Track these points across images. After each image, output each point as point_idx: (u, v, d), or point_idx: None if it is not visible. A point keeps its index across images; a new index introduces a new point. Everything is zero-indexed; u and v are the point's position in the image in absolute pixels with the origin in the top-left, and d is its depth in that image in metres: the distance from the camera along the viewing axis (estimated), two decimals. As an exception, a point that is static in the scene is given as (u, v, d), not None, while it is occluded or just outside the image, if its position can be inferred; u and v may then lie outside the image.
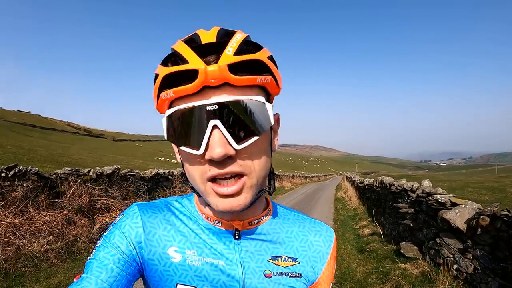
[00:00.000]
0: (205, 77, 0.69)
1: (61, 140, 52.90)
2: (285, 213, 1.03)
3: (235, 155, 0.73)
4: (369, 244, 8.97)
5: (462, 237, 5.51)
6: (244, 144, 0.73)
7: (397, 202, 9.19)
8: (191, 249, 0.88)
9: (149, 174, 12.45)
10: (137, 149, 73.69)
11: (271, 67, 0.78)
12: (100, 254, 0.83)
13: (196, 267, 0.86)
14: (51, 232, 6.99)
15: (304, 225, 1.01)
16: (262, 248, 0.92)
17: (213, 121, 0.70)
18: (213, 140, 0.71)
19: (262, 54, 0.77)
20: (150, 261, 0.87)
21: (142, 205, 0.95)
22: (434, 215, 6.25)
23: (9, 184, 7.12)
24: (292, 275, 0.92)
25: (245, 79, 0.72)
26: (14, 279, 5.44)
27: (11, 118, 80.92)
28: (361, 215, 14.27)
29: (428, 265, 6.12)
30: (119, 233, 0.87)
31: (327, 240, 1.00)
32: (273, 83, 0.79)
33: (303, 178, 52.05)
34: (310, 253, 0.97)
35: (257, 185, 0.79)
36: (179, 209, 0.95)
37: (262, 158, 0.80)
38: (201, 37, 0.76)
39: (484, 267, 4.90)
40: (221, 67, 0.69)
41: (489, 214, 4.87)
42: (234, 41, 0.74)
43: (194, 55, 0.72)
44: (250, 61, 0.73)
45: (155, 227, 0.89)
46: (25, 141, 31.33)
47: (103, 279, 0.78)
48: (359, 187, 19.86)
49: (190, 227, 0.91)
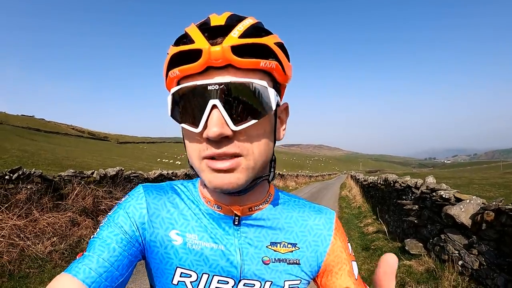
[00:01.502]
0: (208, 57, 0.71)
1: (65, 143, 53.07)
2: (285, 199, 1.02)
3: (232, 136, 0.74)
4: (373, 242, 8.96)
5: (467, 232, 5.48)
6: (241, 126, 0.73)
7: (401, 199, 9.17)
8: (192, 232, 0.88)
9: (153, 175, 12.46)
10: (141, 151, 73.88)
11: (278, 53, 0.78)
12: (104, 233, 0.84)
13: (196, 251, 0.86)
14: (55, 233, 7.01)
15: (304, 210, 1.00)
16: (261, 235, 0.92)
17: (212, 101, 0.71)
18: (211, 120, 0.72)
19: (269, 39, 0.77)
20: (152, 242, 0.87)
21: (147, 187, 0.96)
22: (438, 211, 6.23)
23: (13, 187, 7.14)
24: (290, 262, 0.92)
25: (248, 62, 0.73)
26: (19, 280, 5.46)
27: (15, 122, 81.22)
28: (365, 213, 14.26)
29: (433, 262, 6.09)
30: (123, 213, 0.88)
31: (327, 222, 0.99)
32: (279, 69, 0.79)
33: (308, 178, 52.04)
34: (311, 237, 0.96)
35: (254, 169, 0.79)
36: (184, 192, 0.96)
37: (262, 142, 0.79)
38: (211, 20, 0.77)
39: (490, 262, 4.87)
40: (224, 48, 0.70)
41: (494, 208, 4.85)
42: (242, 25, 0.75)
43: (201, 36, 0.73)
44: (255, 44, 0.74)
45: (159, 209, 0.90)
46: (29, 145, 31.44)
47: (104, 258, 0.79)
48: (363, 185, 19.84)
49: (192, 210, 0.92)
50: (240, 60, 0.72)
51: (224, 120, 0.72)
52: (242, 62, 0.72)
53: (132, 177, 11.12)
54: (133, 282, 5.80)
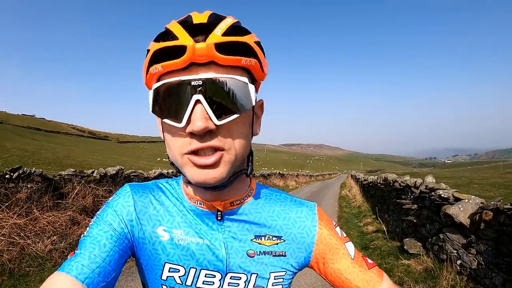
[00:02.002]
0: (192, 53, 0.73)
1: (66, 142, 53.09)
2: (267, 193, 1.04)
3: (215, 130, 0.76)
4: (373, 241, 8.98)
5: (466, 232, 5.50)
6: (224, 120, 0.75)
7: (401, 198, 9.18)
8: (178, 228, 0.91)
9: (153, 175, 12.45)
10: (142, 151, 73.85)
11: (257, 51, 0.81)
12: (93, 231, 0.86)
13: (182, 246, 0.89)
14: (55, 232, 7.02)
15: (286, 203, 1.02)
16: (245, 228, 0.94)
17: (196, 96, 0.73)
18: (195, 114, 0.73)
19: (249, 38, 0.80)
20: (141, 239, 0.90)
21: (133, 186, 0.98)
22: (437, 210, 6.24)
23: (13, 186, 7.16)
24: (276, 254, 0.95)
25: (230, 59, 0.75)
26: (19, 279, 5.48)
27: (16, 121, 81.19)
28: (365, 212, 14.26)
29: (432, 261, 6.11)
30: (111, 211, 0.90)
31: (309, 214, 1.01)
32: (257, 67, 0.82)
33: (308, 177, 52.02)
34: (295, 230, 0.98)
35: (235, 162, 0.82)
36: (169, 190, 0.99)
37: (243, 137, 0.82)
38: (193, 18, 0.80)
39: (488, 262, 4.88)
40: (208, 45, 0.73)
41: (492, 208, 4.86)
42: (224, 24, 0.77)
43: (184, 33, 0.75)
44: (237, 43, 0.77)
45: (146, 207, 0.93)
46: (30, 144, 31.46)
47: (96, 254, 0.81)
48: (363, 185, 19.86)
49: (177, 207, 0.94)
50: (223, 57, 0.74)
51: (207, 115, 0.74)
52: (224, 59, 0.74)
53: (132, 176, 11.12)
54: (132, 281, 5.82)
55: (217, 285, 0.90)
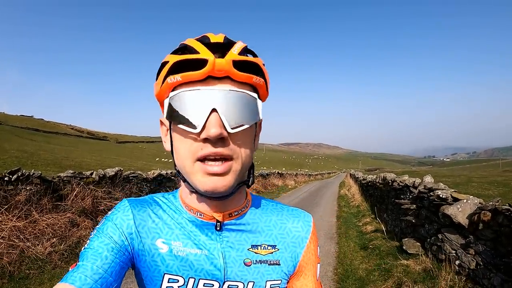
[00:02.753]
0: (212, 67, 0.79)
1: (64, 143, 53.00)
2: (263, 204, 1.09)
3: (227, 138, 0.81)
4: (372, 241, 8.99)
5: (464, 232, 5.51)
6: (237, 129, 0.81)
7: (400, 198, 9.19)
8: (177, 240, 0.94)
9: (152, 175, 12.47)
10: (141, 151, 73.78)
11: (265, 72, 0.90)
12: (94, 243, 0.88)
13: (181, 258, 0.92)
14: (55, 234, 7.02)
15: (282, 213, 1.08)
16: (242, 238, 0.98)
17: (213, 105, 0.79)
18: (210, 121, 0.79)
19: (259, 60, 0.88)
20: (140, 251, 0.93)
21: (132, 200, 1.01)
22: (436, 210, 6.25)
23: (12, 188, 7.15)
24: (271, 263, 0.99)
25: (244, 76, 0.83)
26: (19, 282, 5.48)
27: (14, 122, 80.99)
28: (364, 212, 14.27)
29: (431, 261, 6.11)
30: (111, 224, 0.93)
31: (305, 225, 1.07)
32: (263, 86, 0.90)
33: (307, 176, 52.04)
34: (289, 239, 1.04)
35: (241, 171, 0.87)
36: (166, 204, 1.02)
37: (248, 148, 0.89)
38: (210, 38, 0.86)
39: (486, 262, 4.90)
40: (227, 61, 0.80)
41: (491, 209, 4.87)
42: (238, 45, 0.85)
43: (205, 48, 0.82)
44: (250, 62, 0.85)
45: (145, 220, 0.96)
46: (29, 145, 31.39)
47: (98, 265, 0.83)
48: (362, 184, 19.87)
49: (175, 220, 0.97)
50: (238, 73, 0.82)
51: (222, 123, 0.79)
52: (239, 75, 0.82)
53: (131, 177, 11.14)
54: (132, 282, 5.82)
55: None
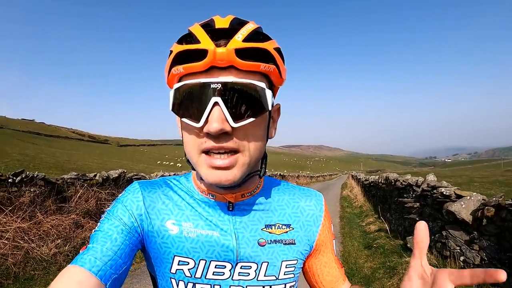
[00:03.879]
0: (213, 57, 0.75)
1: (66, 147, 53.04)
2: (275, 184, 1.09)
3: (231, 132, 0.79)
4: (376, 240, 8.97)
5: (468, 228, 5.50)
6: (240, 123, 0.78)
7: (403, 197, 9.18)
8: (187, 221, 0.93)
9: (155, 177, 12.46)
10: (142, 154, 73.82)
11: (276, 58, 0.84)
12: (105, 226, 0.89)
13: (192, 239, 0.91)
14: (59, 235, 7.03)
15: (294, 192, 1.08)
16: (255, 218, 0.98)
17: (215, 98, 0.76)
18: (212, 116, 0.76)
19: (269, 44, 0.83)
20: (150, 233, 0.93)
21: (142, 182, 1.01)
22: (439, 208, 6.24)
23: (16, 190, 7.16)
24: (286, 242, 0.98)
25: (249, 64, 0.78)
26: (24, 282, 5.49)
27: (16, 126, 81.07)
28: (367, 212, 14.25)
29: (435, 258, 6.12)
30: (121, 206, 0.93)
31: (318, 204, 1.07)
32: (276, 73, 0.85)
33: (309, 178, 51.97)
34: (303, 218, 1.03)
35: (250, 164, 0.85)
36: (177, 185, 1.02)
37: (258, 140, 0.86)
38: (216, 22, 0.82)
39: (491, 257, 4.90)
40: (229, 50, 0.75)
41: (494, 204, 4.88)
42: (245, 29, 0.80)
43: (206, 37, 0.78)
44: (257, 49, 0.80)
45: (155, 201, 0.96)
46: (30, 148, 31.43)
47: (108, 247, 0.83)
48: (364, 185, 19.84)
49: (186, 201, 0.97)
50: (243, 63, 0.77)
51: (224, 117, 0.77)
52: (244, 64, 0.77)
53: (134, 179, 11.11)
54: (138, 283, 5.84)
55: (227, 275, 0.92)
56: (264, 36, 0.85)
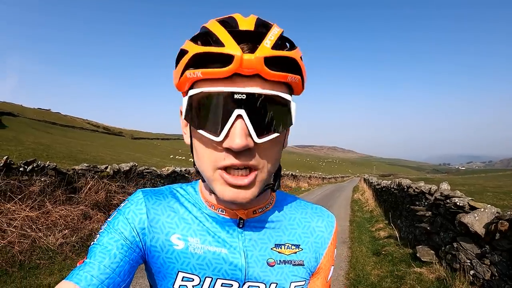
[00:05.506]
0: (239, 65, 0.68)
1: (80, 137, 53.56)
2: (288, 200, 1.03)
3: (253, 148, 0.73)
4: (385, 247, 8.88)
5: (480, 242, 5.40)
6: (264, 139, 0.72)
7: (415, 204, 9.08)
8: (194, 236, 0.88)
9: (166, 172, 12.52)
10: (155, 148, 74.28)
11: (302, 68, 0.77)
12: (104, 239, 0.83)
13: (198, 255, 0.86)
14: (67, 226, 7.08)
15: (307, 211, 1.02)
16: (265, 236, 0.92)
17: (238, 110, 0.69)
18: (235, 130, 0.70)
19: (296, 53, 0.76)
20: (153, 247, 0.87)
21: (146, 192, 0.95)
22: (452, 218, 6.14)
23: (27, 179, 7.23)
24: (295, 263, 0.92)
25: (277, 75, 0.71)
26: (29, 271, 5.52)
27: (32, 115, 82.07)
28: (377, 217, 14.15)
29: (444, 270, 6.01)
30: (122, 219, 0.87)
31: (329, 225, 1.02)
32: (299, 84, 0.78)
33: (320, 179, 51.96)
34: (313, 238, 0.98)
35: (266, 181, 0.80)
36: (184, 196, 0.95)
37: (277, 155, 0.80)
38: (238, 22, 0.75)
39: (502, 273, 4.79)
40: (258, 57, 0.68)
41: (509, 218, 4.76)
42: (272, 34, 0.73)
43: (231, 39, 0.70)
44: (285, 58, 0.73)
45: (159, 214, 0.89)
46: (45, 138, 31.78)
47: (105, 264, 0.78)
48: (376, 189, 19.73)
49: (194, 214, 0.91)
50: (270, 73, 0.70)
51: (248, 132, 0.70)
52: (271, 75, 0.70)
53: (145, 173, 11.19)
54: (142, 278, 5.81)
55: None
56: (291, 43, 0.78)
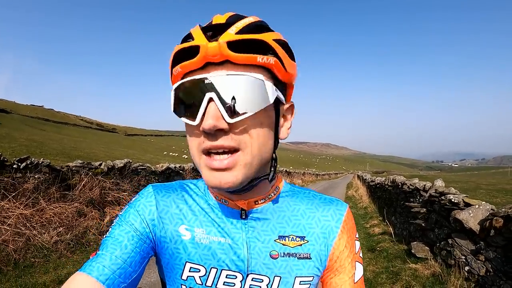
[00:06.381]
0: (205, 53, 0.73)
1: (74, 134, 53.27)
2: (294, 192, 1.00)
3: (229, 129, 0.74)
4: (379, 243, 8.93)
5: (475, 238, 5.43)
6: (237, 118, 0.73)
7: (409, 201, 9.12)
8: (200, 227, 0.90)
9: (160, 168, 12.50)
10: (149, 144, 74.08)
11: (277, 49, 0.78)
12: (115, 232, 0.86)
13: (204, 245, 0.88)
14: (61, 223, 7.05)
15: (314, 201, 0.98)
16: (269, 228, 0.91)
17: (209, 94, 0.72)
18: (207, 112, 0.73)
19: (267, 36, 0.77)
20: (162, 238, 0.89)
21: (156, 186, 0.97)
22: (446, 215, 6.17)
23: (20, 176, 7.19)
24: (301, 256, 0.90)
25: (244, 57, 0.73)
26: (24, 269, 5.49)
27: (25, 112, 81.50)
28: (372, 214, 14.21)
29: (439, 266, 6.05)
30: (133, 211, 0.90)
31: (335, 214, 0.96)
32: (279, 66, 0.79)
33: (314, 176, 52.07)
34: (318, 229, 0.94)
35: (252, 165, 0.78)
36: (193, 189, 0.98)
37: (261, 137, 0.79)
38: (213, 19, 0.79)
39: (496, 269, 4.82)
40: (221, 43, 0.72)
41: (503, 215, 4.79)
42: (241, 23, 0.76)
43: (200, 34, 0.75)
44: (253, 40, 0.75)
45: (168, 206, 0.92)
46: (38, 134, 31.57)
47: (117, 255, 0.81)
48: (370, 186, 19.79)
49: (200, 205, 0.93)
50: (237, 55, 0.73)
51: (220, 113, 0.72)
52: (238, 57, 0.73)
53: (139, 170, 11.16)
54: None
55: (238, 286, 0.87)
56: (263, 28, 0.80)
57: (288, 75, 0.82)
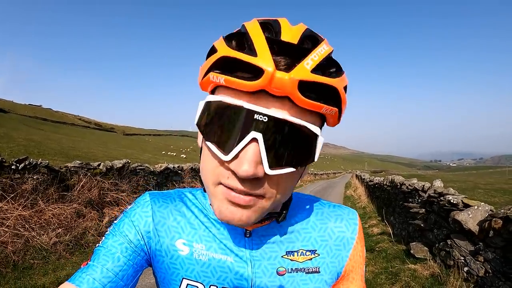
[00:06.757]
0: (268, 82, 0.60)
1: (72, 133, 53.13)
2: (301, 201, 0.95)
3: (262, 177, 0.66)
4: (378, 243, 8.92)
5: (474, 239, 5.44)
6: (276, 171, 0.64)
7: (408, 201, 9.11)
8: (200, 242, 0.84)
9: (159, 169, 12.48)
10: (147, 144, 74.00)
11: (342, 100, 0.68)
12: (109, 242, 0.82)
13: (203, 262, 0.82)
14: (60, 224, 7.02)
15: (323, 211, 0.93)
16: (275, 244, 0.85)
17: (255, 133, 0.61)
18: (245, 153, 0.62)
19: (340, 81, 0.66)
20: (158, 251, 0.84)
21: (154, 194, 0.92)
22: (445, 216, 6.17)
23: (19, 177, 7.17)
24: (309, 271, 0.85)
25: (310, 104, 0.62)
26: (23, 271, 5.47)
27: (23, 111, 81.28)
28: (370, 214, 14.20)
29: (439, 267, 6.05)
30: (128, 221, 0.85)
31: (350, 224, 0.92)
32: (335, 116, 0.70)
33: (312, 175, 52.00)
34: (332, 241, 0.89)
35: (269, 210, 0.73)
36: (192, 201, 0.91)
37: (289, 188, 0.73)
38: (282, 31, 0.65)
39: (496, 270, 4.83)
40: (292, 79, 0.60)
41: (502, 216, 4.79)
42: (317, 54, 0.64)
43: (266, 50, 0.61)
44: (325, 85, 0.64)
45: (165, 217, 0.86)
46: (36, 134, 31.48)
47: (109, 268, 0.77)
48: (368, 186, 19.76)
49: (200, 219, 0.87)
50: (303, 99, 0.61)
51: (260, 160, 0.63)
52: (304, 102, 0.62)
53: (138, 170, 11.14)
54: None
55: None
56: (337, 67, 0.69)
57: (336, 123, 0.74)
